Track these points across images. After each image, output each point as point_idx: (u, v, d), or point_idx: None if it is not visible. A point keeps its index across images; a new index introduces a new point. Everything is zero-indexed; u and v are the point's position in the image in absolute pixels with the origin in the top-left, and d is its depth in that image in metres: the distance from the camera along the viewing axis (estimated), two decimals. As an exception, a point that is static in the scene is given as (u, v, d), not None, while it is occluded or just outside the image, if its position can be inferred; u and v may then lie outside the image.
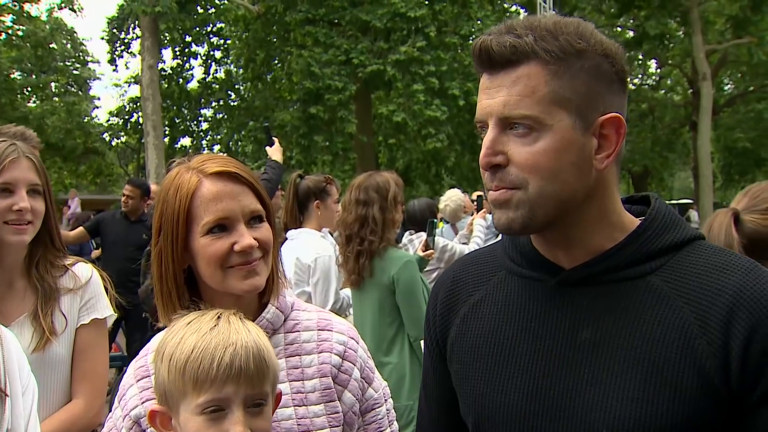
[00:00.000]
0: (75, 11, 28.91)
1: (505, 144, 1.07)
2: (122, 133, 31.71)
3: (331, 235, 4.22)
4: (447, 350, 1.29)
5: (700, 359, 1.00)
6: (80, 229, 7.04)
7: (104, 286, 2.10)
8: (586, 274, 1.11)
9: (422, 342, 1.44)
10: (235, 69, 25.31)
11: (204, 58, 25.59)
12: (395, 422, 1.53)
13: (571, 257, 1.14)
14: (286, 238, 3.72)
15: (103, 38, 25.13)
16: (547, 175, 1.05)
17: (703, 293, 1.03)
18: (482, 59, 1.09)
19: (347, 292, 3.77)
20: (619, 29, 30.20)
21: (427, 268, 4.47)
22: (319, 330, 1.46)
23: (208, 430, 1.16)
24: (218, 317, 1.23)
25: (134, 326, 6.21)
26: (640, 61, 33.15)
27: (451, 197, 6.47)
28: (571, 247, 1.13)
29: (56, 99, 30.92)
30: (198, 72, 26.72)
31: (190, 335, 1.20)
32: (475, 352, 1.22)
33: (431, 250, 4.06)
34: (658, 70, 34.84)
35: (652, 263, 1.09)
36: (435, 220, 4.95)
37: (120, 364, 6.38)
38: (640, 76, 35.46)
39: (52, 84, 30.75)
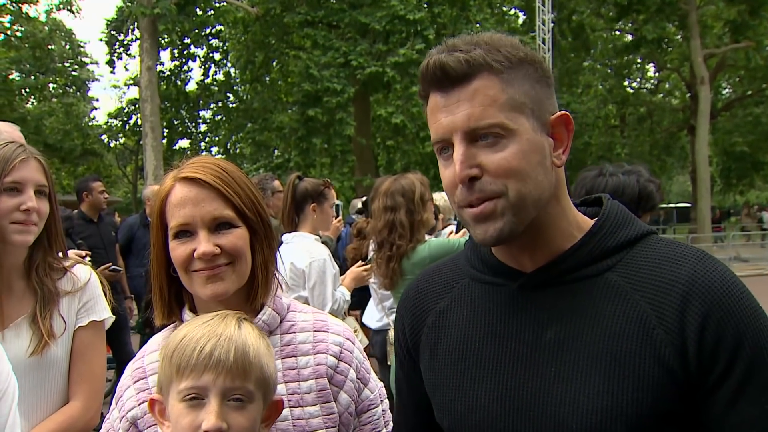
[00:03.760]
0: (73, 12, 29.01)
1: (475, 156, 1.09)
2: (121, 135, 31.76)
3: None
4: (419, 358, 1.33)
5: (659, 348, 1.05)
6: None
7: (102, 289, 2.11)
8: (546, 276, 1.16)
9: None
10: (233, 71, 25.34)
11: (203, 59, 25.62)
12: (391, 422, 1.54)
13: (534, 260, 1.17)
14: (281, 242, 3.72)
15: (101, 40, 25.17)
16: (522, 177, 1.08)
17: (658, 285, 1.08)
18: (436, 77, 1.11)
19: (343, 290, 3.79)
20: (617, 33, 30.27)
21: None
22: (315, 331, 1.48)
23: (186, 417, 1.19)
24: (219, 315, 1.27)
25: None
26: (639, 65, 33.24)
27: (443, 196, 6.48)
28: (536, 249, 1.17)
29: (54, 100, 30.95)
30: (196, 74, 26.90)
31: (185, 327, 1.26)
32: (445, 359, 1.26)
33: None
34: (657, 74, 34.92)
35: (609, 260, 1.14)
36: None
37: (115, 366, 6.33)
38: (638, 79, 35.55)
39: (51, 85, 30.79)
